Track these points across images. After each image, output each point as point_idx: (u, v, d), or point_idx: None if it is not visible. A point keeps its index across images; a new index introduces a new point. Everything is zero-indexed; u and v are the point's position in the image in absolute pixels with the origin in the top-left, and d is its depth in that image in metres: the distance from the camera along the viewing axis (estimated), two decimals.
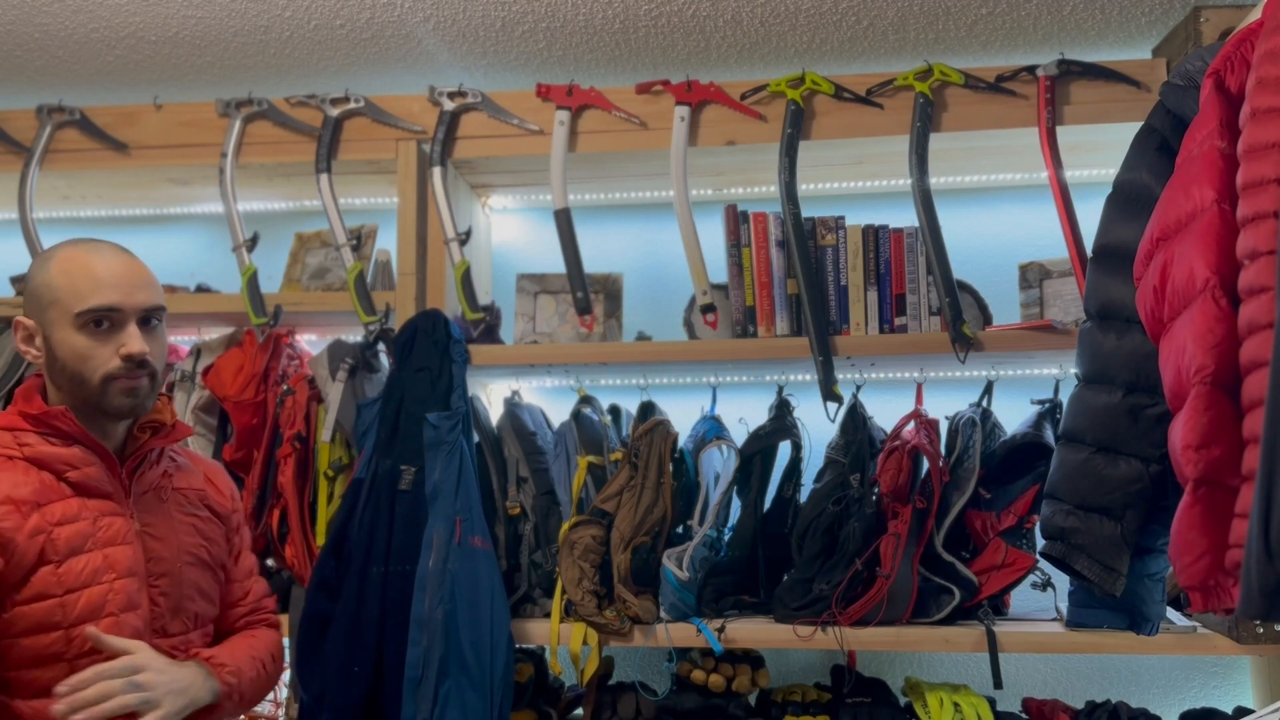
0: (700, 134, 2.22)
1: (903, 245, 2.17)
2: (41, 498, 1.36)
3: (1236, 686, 2.32)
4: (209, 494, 1.59)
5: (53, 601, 1.34)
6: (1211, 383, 1.25)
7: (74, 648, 1.34)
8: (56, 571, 1.34)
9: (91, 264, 1.41)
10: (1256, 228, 1.20)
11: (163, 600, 1.45)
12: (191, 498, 1.56)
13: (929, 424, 2.09)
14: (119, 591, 1.39)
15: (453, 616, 1.92)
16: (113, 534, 1.41)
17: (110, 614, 1.37)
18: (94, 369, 1.39)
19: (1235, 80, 1.38)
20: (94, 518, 1.39)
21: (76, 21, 2.19)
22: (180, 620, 1.48)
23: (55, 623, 1.34)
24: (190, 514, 1.54)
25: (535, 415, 2.31)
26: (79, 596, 1.35)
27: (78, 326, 1.39)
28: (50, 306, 1.40)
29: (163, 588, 1.46)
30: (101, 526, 1.40)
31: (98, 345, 1.39)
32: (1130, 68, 2.12)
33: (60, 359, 1.40)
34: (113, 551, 1.40)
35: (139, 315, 1.42)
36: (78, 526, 1.37)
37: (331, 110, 2.31)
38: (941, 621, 2.00)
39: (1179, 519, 1.30)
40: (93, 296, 1.39)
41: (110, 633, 1.36)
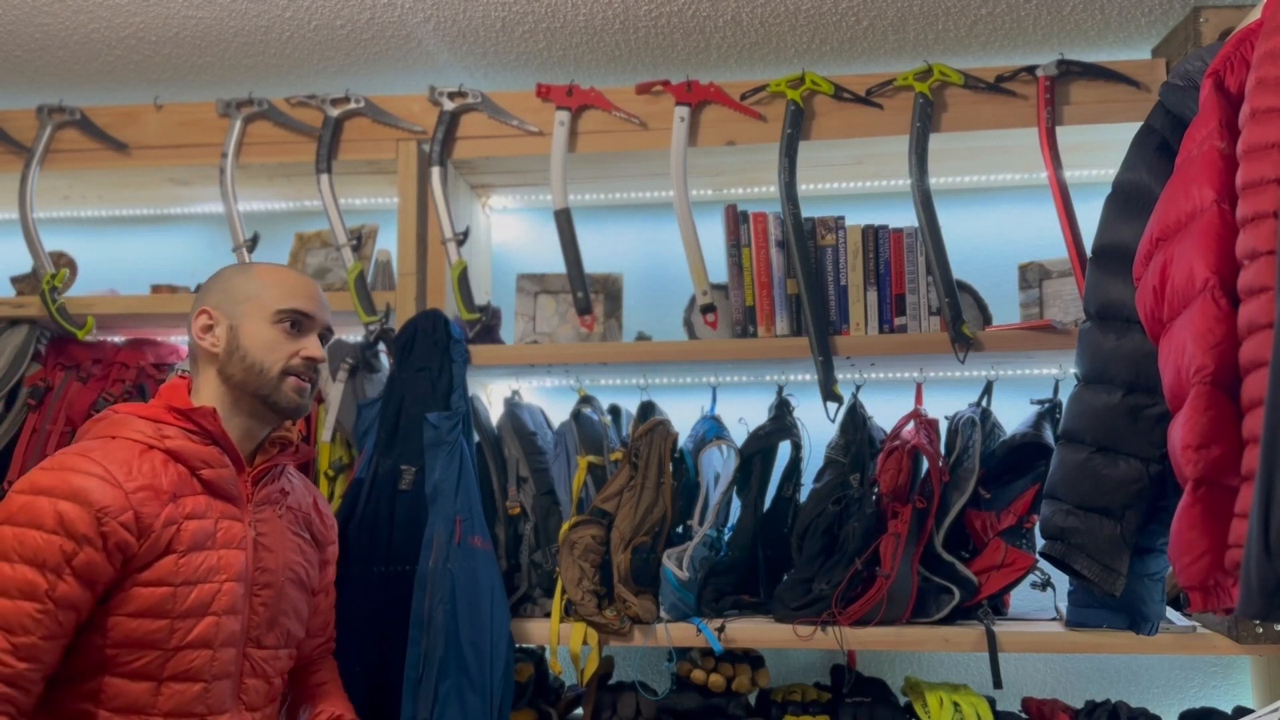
0: (700, 134, 2.22)
1: (903, 245, 2.17)
2: (178, 489, 1.43)
3: (1236, 686, 2.32)
4: (314, 520, 1.67)
5: (167, 590, 1.39)
6: (1211, 383, 1.25)
7: (175, 638, 1.39)
8: (178, 562, 1.40)
9: (293, 276, 1.60)
10: (1256, 228, 1.20)
11: (263, 610, 1.50)
12: (300, 519, 1.63)
13: (929, 424, 2.09)
14: (226, 594, 1.44)
15: (452, 616, 1.92)
16: (230, 537, 1.47)
17: (214, 613, 1.43)
18: (275, 360, 1.52)
19: (1235, 80, 1.38)
20: (217, 518, 1.46)
21: (76, 21, 2.20)
22: (275, 634, 1.53)
23: (165, 610, 1.39)
24: (297, 534, 1.61)
25: (535, 415, 2.31)
26: (191, 590, 1.41)
27: (273, 321, 1.54)
28: (247, 300, 1.55)
29: (265, 598, 1.51)
30: (222, 528, 1.46)
31: (285, 342, 1.54)
32: (1130, 68, 2.12)
33: (244, 347, 1.52)
34: (228, 554, 1.45)
35: (320, 329, 1.60)
36: (203, 524, 1.44)
37: (331, 110, 2.32)
38: (941, 621, 2.00)
39: (1179, 519, 1.31)
40: (293, 300, 1.55)
41: (210, 632, 1.42)
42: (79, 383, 2.32)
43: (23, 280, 2.45)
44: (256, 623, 1.50)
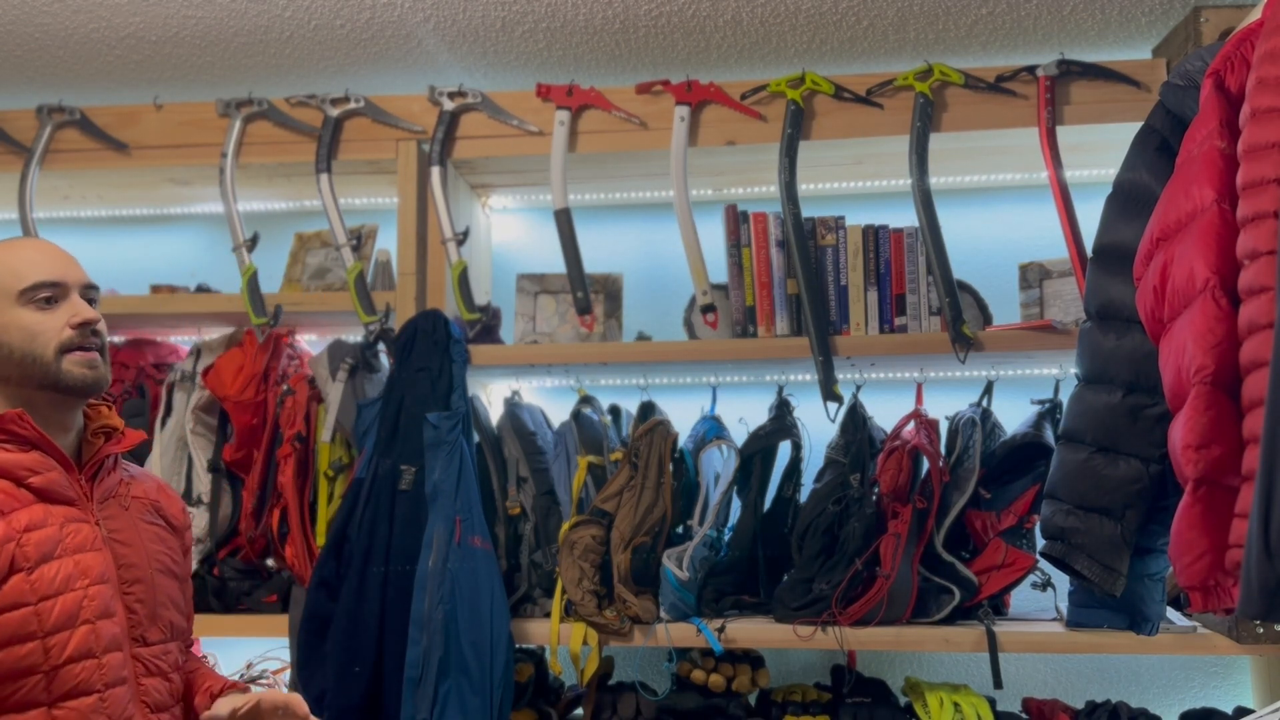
0: (700, 134, 2.22)
1: (903, 245, 2.17)
2: (5, 505, 1.30)
3: (1236, 686, 2.32)
4: (163, 505, 1.53)
5: (27, 610, 1.28)
6: (1211, 383, 1.25)
7: (51, 658, 1.29)
8: (29, 579, 1.28)
9: (20, 248, 1.40)
10: (1256, 228, 1.20)
11: (139, 607, 1.40)
12: (148, 507, 1.49)
13: (929, 424, 2.09)
14: (93, 598, 1.33)
15: (453, 616, 1.92)
16: (80, 540, 1.35)
17: (86, 621, 1.32)
18: (46, 343, 1.35)
19: (1235, 80, 1.38)
20: (60, 524, 1.33)
21: (76, 21, 2.20)
22: (158, 629, 1.42)
23: (30, 632, 1.28)
24: (151, 522, 1.48)
25: (535, 415, 2.31)
26: (54, 604, 1.29)
27: (23, 304, 1.35)
28: None
29: (137, 594, 1.40)
30: (69, 532, 1.34)
31: (46, 319, 1.36)
32: (1130, 68, 2.12)
33: (7, 344, 1.35)
34: (83, 558, 1.34)
35: (79, 290, 1.40)
36: (46, 532, 1.32)
37: (331, 110, 2.31)
38: (941, 621, 2.00)
39: (1179, 519, 1.30)
40: (33, 273, 1.36)
41: (88, 641, 1.31)
42: None
43: None
44: (136, 621, 1.39)
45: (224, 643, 2.38)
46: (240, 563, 2.24)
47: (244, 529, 2.22)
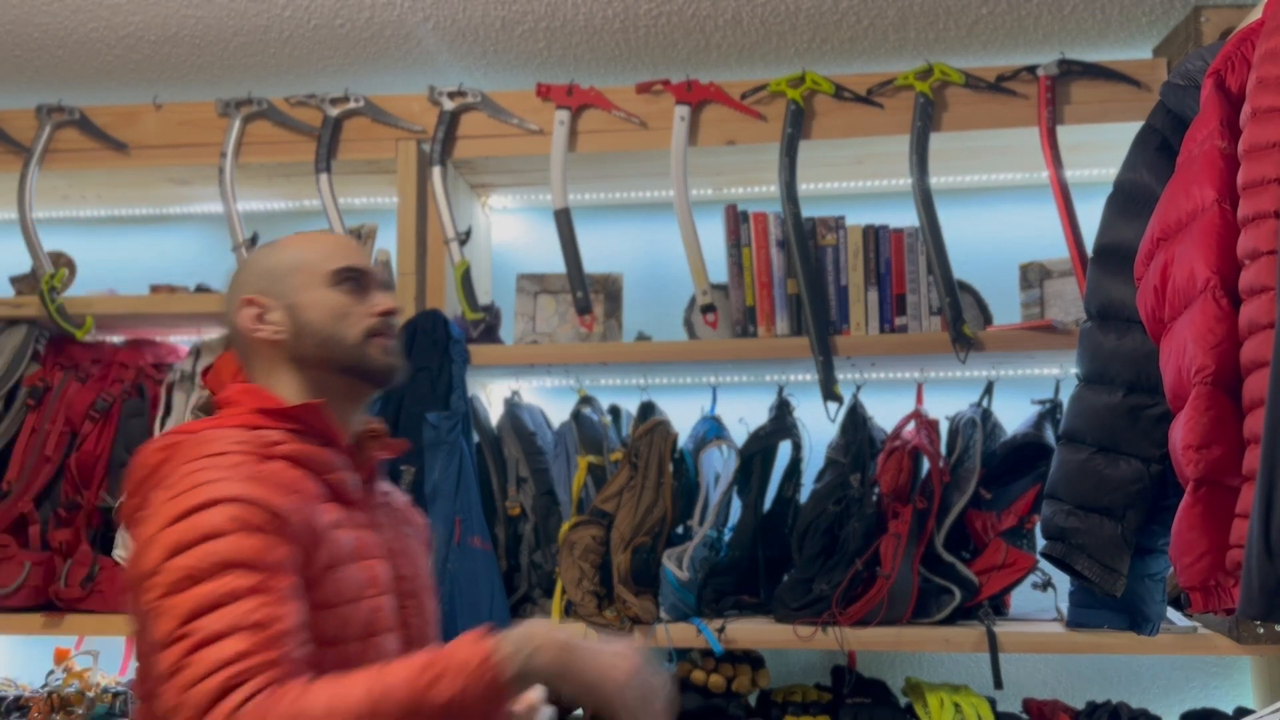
0: (700, 134, 2.22)
1: (903, 245, 2.17)
2: (320, 496, 1.22)
3: (1237, 687, 2.31)
4: (413, 518, 1.46)
5: (335, 614, 1.19)
6: (1212, 383, 1.25)
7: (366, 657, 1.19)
8: (335, 578, 1.19)
9: (327, 236, 1.44)
10: (1257, 227, 1.20)
11: (414, 623, 1.31)
12: (401, 517, 1.41)
13: (929, 424, 2.09)
14: (382, 609, 1.24)
15: (452, 617, 1.92)
16: (367, 546, 1.26)
17: (381, 631, 1.23)
18: (352, 324, 1.32)
19: (1236, 80, 1.38)
20: (352, 526, 1.25)
21: (76, 21, 2.19)
22: (424, 647, 1.29)
23: (336, 636, 1.18)
24: (409, 535, 1.40)
25: (535, 415, 2.31)
26: (357, 609, 1.21)
27: (332, 284, 1.33)
28: (293, 273, 1.34)
29: (413, 609, 1.32)
30: (360, 537, 1.25)
31: (353, 303, 1.33)
32: (1131, 68, 2.12)
33: (311, 322, 1.31)
34: (372, 565, 1.25)
35: (380, 285, 1.39)
36: (341, 534, 1.23)
37: (331, 110, 2.31)
38: (942, 622, 2.00)
39: (1180, 519, 1.30)
40: (343, 257, 1.35)
41: (374, 657, 1.19)
42: (78, 383, 2.32)
43: (22, 280, 2.45)
44: (411, 638, 1.30)
45: None
46: None
47: None
